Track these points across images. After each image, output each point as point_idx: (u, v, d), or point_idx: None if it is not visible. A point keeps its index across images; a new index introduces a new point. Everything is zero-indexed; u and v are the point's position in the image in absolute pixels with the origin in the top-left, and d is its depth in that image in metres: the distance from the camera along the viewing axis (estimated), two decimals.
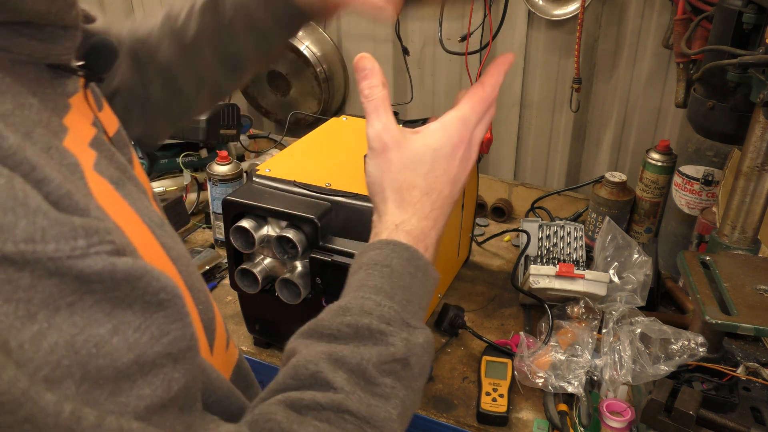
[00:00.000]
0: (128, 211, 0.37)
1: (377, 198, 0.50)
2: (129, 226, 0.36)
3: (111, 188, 0.37)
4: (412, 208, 0.48)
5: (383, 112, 0.50)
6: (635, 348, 0.87)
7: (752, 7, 0.87)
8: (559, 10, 1.40)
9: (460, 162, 0.51)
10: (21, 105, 0.33)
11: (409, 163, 0.49)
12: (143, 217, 0.38)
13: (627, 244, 1.07)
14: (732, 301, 0.79)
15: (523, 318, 1.11)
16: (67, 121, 0.37)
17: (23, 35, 0.34)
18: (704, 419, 0.78)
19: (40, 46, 0.36)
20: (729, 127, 0.95)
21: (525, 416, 0.91)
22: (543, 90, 1.52)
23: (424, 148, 0.50)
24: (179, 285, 0.38)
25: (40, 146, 0.32)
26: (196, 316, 0.41)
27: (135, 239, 0.35)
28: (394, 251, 0.46)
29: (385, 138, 0.50)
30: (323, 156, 1.04)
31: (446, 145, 0.50)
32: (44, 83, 0.37)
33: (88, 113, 0.41)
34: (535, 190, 1.50)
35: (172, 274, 0.39)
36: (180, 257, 0.41)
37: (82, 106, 0.41)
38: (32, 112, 0.33)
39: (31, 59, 0.36)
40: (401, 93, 1.70)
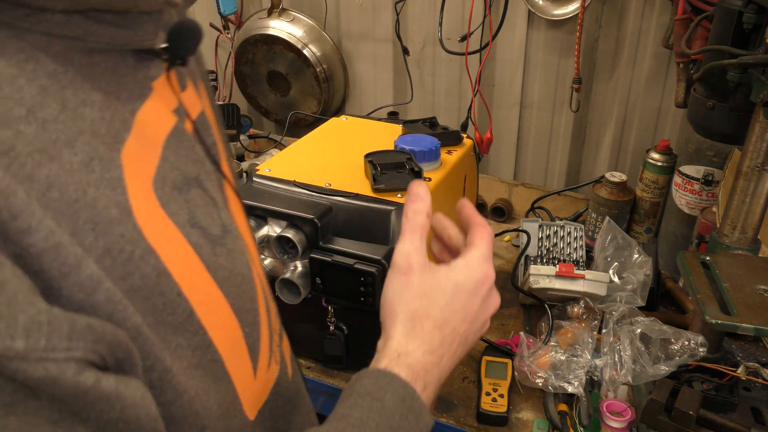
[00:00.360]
0: (171, 230, 0.34)
1: (388, 319, 0.47)
2: (168, 248, 0.33)
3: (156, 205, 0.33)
4: (420, 339, 0.46)
5: (419, 238, 0.49)
6: (635, 348, 0.87)
7: (752, 7, 0.87)
8: (559, 10, 1.40)
9: (482, 300, 0.49)
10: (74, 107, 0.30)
11: (428, 291, 0.47)
12: (190, 236, 0.35)
13: (627, 244, 1.07)
14: (732, 301, 0.79)
15: (523, 318, 1.11)
16: (144, 111, 0.35)
17: (102, 22, 0.32)
18: (704, 419, 0.78)
19: (120, 32, 0.33)
20: (729, 127, 0.95)
21: (525, 416, 0.91)
22: (543, 90, 1.52)
23: (446, 280, 0.48)
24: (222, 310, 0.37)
25: (80, 157, 0.29)
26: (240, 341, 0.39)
27: (171, 263, 0.33)
28: (389, 385, 0.43)
29: (412, 260, 0.48)
30: (323, 156, 1.04)
31: (470, 281, 0.48)
32: (124, 70, 0.34)
33: (171, 98, 0.39)
34: (535, 190, 1.50)
35: (215, 297, 0.37)
36: (231, 277, 0.38)
37: (165, 90, 0.38)
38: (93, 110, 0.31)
39: (112, 46, 0.33)
40: (401, 93, 1.70)
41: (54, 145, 0.28)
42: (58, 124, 0.29)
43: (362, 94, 1.77)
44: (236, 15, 1.75)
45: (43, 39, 0.29)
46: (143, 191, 0.33)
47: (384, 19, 1.62)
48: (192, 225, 0.36)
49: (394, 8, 1.54)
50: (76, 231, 0.28)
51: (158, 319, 0.32)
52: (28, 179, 0.26)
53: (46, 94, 0.29)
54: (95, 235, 0.29)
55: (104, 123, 0.31)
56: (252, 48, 1.70)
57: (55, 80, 0.29)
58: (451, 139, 1.08)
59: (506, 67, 1.53)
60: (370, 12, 1.63)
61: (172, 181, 0.35)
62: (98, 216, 0.29)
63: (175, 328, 0.33)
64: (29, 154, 0.27)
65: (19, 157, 0.26)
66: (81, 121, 0.30)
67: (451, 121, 1.64)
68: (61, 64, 0.30)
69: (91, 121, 0.30)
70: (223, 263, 0.38)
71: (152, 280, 0.31)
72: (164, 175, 0.35)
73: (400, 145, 1.00)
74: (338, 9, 1.67)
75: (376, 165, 0.94)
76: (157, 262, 0.32)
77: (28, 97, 0.28)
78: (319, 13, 1.67)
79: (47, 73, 0.29)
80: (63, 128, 0.29)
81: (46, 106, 0.28)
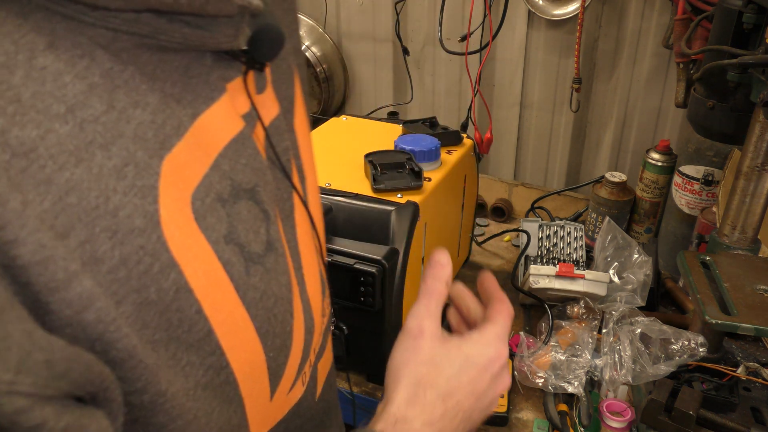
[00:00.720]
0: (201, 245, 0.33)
1: (391, 383, 0.45)
2: (194, 264, 0.32)
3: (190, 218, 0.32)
4: (421, 407, 0.43)
5: (434, 304, 0.47)
6: (635, 348, 0.87)
7: (752, 7, 0.87)
8: (559, 10, 1.40)
9: (492, 378, 0.47)
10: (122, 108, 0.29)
11: (437, 359, 0.45)
12: (222, 253, 0.34)
13: (627, 244, 1.07)
14: (732, 301, 0.79)
15: (523, 318, 1.11)
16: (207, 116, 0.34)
17: (175, 21, 0.31)
18: (704, 419, 0.78)
19: (194, 32, 0.32)
20: (729, 127, 0.95)
21: (525, 416, 0.91)
22: (543, 90, 1.52)
23: (457, 351, 0.46)
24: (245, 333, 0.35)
25: (113, 162, 0.28)
26: (261, 365, 0.38)
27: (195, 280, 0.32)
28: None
29: (424, 324, 0.46)
30: (323, 156, 1.04)
31: (482, 356, 0.46)
32: (197, 70, 0.33)
33: (243, 101, 0.38)
34: (535, 190, 1.50)
35: (240, 319, 0.35)
36: (262, 299, 0.37)
37: (238, 92, 0.37)
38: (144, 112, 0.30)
39: (185, 46, 0.32)
40: (401, 93, 1.70)
41: (87, 148, 0.27)
42: (97, 125, 0.28)
43: (362, 94, 1.77)
44: None
45: (108, 34, 0.28)
46: (178, 202, 0.31)
47: (384, 19, 1.62)
48: (228, 241, 0.34)
49: (394, 8, 1.54)
50: (91, 238, 0.27)
51: (171, 335, 0.31)
52: (45, 183, 0.25)
53: (93, 93, 0.28)
54: (112, 244, 0.28)
55: (153, 127, 0.30)
56: None
57: (108, 79, 0.29)
58: (451, 139, 1.08)
59: (506, 67, 1.53)
60: (370, 12, 1.63)
61: (218, 192, 0.34)
62: (118, 225, 0.28)
63: (188, 345, 0.32)
64: (52, 156, 0.26)
65: (39, 159, 0.25)
66: (125, 124, 0.29)
67: (451, 121, 1.64)
68: (120, 62, 0.29)
69: (137, 124, 0.29)
70: (256, 283, 0.36)
71: (170, 295, 0.30)
72: (210, 185, 0.33)
73: (400, 145, 1.00)
74: (338, 9, 1.67)
75: (376, 165, 0.94)
76: (179, 277, 0.31)
77: (71, 95, 0.27)
78: (319, 13, 1.67)
79: (101, 71, 0.28)
80: (102, 130, 0.28)
81: (89, 105, 0.27)
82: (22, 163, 0.25)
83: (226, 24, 0.34)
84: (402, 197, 0.91)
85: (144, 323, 0.29)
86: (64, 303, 0.26)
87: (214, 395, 0.34)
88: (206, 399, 0.34)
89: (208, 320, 0.33)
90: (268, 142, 0.40)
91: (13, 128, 0.25)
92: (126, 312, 0.28)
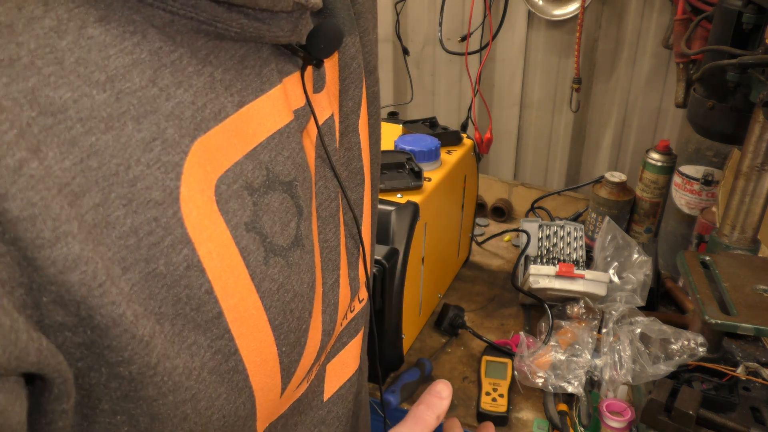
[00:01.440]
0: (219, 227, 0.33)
1: None
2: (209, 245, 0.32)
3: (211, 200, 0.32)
4: None
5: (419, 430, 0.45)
6: (635, 348, 0.87)
7: (752, 7, 0.87)
8: (559, 10, 1.40)
9: None
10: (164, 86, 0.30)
11: None
12: (240, 239, 0.34)
13: (627, 244, 1.07)
14: (732, 301, 0.79)
15: (523, 318, 1.11)
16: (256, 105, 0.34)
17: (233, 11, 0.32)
18: (704, 419, 0.78)
19: (252, 24, 0.33)
20: (729, 127, 0.95)
21: (525, 416, 0.91)
22: (543, 90, 1.52)
23: None
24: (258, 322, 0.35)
25: (142, 134, 0.29)
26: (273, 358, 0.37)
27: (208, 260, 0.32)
28: None
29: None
30: None
31: None
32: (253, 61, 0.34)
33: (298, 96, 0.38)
34: (535, 190, 1.50)
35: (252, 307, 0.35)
36: (279, 292, 0.36)
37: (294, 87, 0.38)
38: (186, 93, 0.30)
39: (243, 36, 0.33)
40: (401, 93, 1.70)
41: (119, 117, 0.28)
42: (133, 98, 0.29)
43: None
44: None
45: (165, 16, 0.30)
46: (201, 183, 0.32)
47: (384, 19, 1.62)
48: (249, 229, 0.34)
49: (394, 8, 1.54)
50: (104, 203, 0.28)
51: (178, 311, 0.31)
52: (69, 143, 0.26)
53: (136, 68, 0.29)
54: (125, 211, 0.28)
55: (192, 108, 0.31)
56: None
57: (155, 56, 0.30)
58: (451, 139, 1.08)
59: (506, 67, 1.53)
60: None
61: (249, 180, 0.34)
62: (134, 194, 0.29)
63: (196, 324, 0.32)
64: (81, 120, 0.27)
65: (67, 120, 0.26)
66: (163, 101, 0.30)
67: (451, 121, 1.64)
68: (172, 43, 0.30)
69: (177, 103, 0.30)
70: (274, 275, 0.36)
71: (180, 270, 0.31)
72: (240, 172, 0.34)
73: (400, 145, 1.00)
74: None
75: None
76: (191, 254, 0.31)
77: (113, 66, 0.28)
78: None
79: (151, 49, 0.29)
80: (137, 103, 0.29)
81: (129, 78, 0.28)
82: (48, 122, 0.26)
83: (285, 19, 0.35)
84: (402, 197, 0.91)
85: (150, 294, 0.30)
86: (48, 261, 0.26)
87: (221, 381, 0.34)
88: (212, 383, 0.34)
89: (218, 302, 0.33)
90: (320, 141, 0.41)
91: (45, 88, 0.26)
92: (132, 279, 0.29)
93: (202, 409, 0.33)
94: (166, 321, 0.31)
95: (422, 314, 1.06)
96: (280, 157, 0.37)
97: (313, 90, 0.40)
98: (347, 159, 0.46)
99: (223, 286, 0.33)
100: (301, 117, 0.39)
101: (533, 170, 1.64)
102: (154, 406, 0.31)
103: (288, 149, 0.37)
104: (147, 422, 0.31)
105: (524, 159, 1.63)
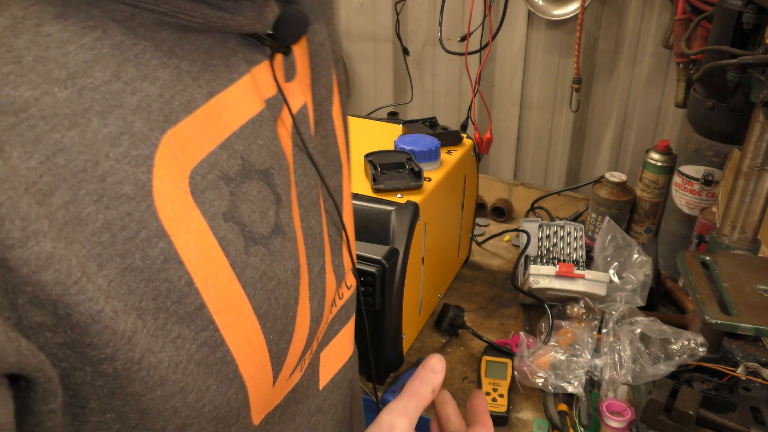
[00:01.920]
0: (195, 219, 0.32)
1: None
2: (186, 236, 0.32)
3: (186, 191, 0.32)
4: None
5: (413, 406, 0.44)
6: (635, 348, 0.87)
7: (752, 7, 0.87)
8: (559, 10, 1.40)
9: None
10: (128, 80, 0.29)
11: None
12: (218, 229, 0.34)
13: (627, 244, 1.07)
14: (732, 301, 0.79)
15: (523, 318, 1.11)
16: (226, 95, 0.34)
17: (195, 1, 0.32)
18: (704, 419, 0.78)
19: (216, 13, 0.32)
20: (729, 127, 0.95)
21: (525, 416, 0.91)
22: (543, 90, 1.52)
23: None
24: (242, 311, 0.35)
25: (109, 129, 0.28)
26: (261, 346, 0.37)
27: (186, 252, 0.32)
28: None
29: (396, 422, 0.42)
30: None
31: None
32: (219, 52, 0.34)
33: (269, 85, 0.38)
34: (535, 190, 1.50)
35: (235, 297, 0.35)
36: (261, 280, 0.36)
37: (264, 76, 0.37)
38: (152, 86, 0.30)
39: (207, 26, 0.33)
40: (401, 93, 1.70)
41: (84, 113, 0.28)
42: (96, 93, 0.28)
43: (362, 94, 1.77)
44: None
45: (126, 9, 0.29)
46: (175, 175, 0.32)
47: (384, 19, 1.62)
48: (227, 218, 0.34)
49: (394, 8, 1.54)
50: (75, 200, 0.27)
51: (159, 305, 0.31)
52: (33, 142, 0.26)
53: (98, 63, 0.29)
54: (96, 207, 0.28)
55: (159, 100, 0.31)
56: None
57: (117, 51, 0.29)
58: (451, 139, 1.08)
59: (506, 67, 1.53)
60: (370, 12, 1.63)
61: (224, 170, 0.34)
62: (105, 189, 0.28)
63: (179, 317, 0.32)
64: (44, 118, 0.26)
65: (30, 118, 0.26)
66: (129, 95, 0.30)
67: (451, 121, 1.64)
68: (134, 36, 0.30)
69: (143, 96, 0.30)
70: (255, 264, 0.36)
71: (157, 264, 0.30)
72: (215, 162, 0.34)
73: (400, 145, 1.00)
74: (338, 9, 1.67)
75: (376, 165, 0.94)
76: (168, 247, 0.31)
77: (73, 63, 0.28)
78: None
79: (112, 44, 0.29)
80: (101, 98, 0.28)
81: (91, 74, 0.28)
82: (10, 121, 0.25)
83: (249, 7, 0.34)
84: (402, 197, 0.91)
85: (129, 289, 0.29)
86: (21, 261, 0.26)
87: (209, 373, 0.34)
88: (200, 375, 0.33)
89: (199, 294, 0.32)
90: (296, 129, 0.40)
91: (5, 87, 0.25)
92: (109, 276, 0.29)
93: (192, 402, 0.33)
94: (148, 315, 0.30)
95: (422, 314, 1.06)
96: (255, 145, 0.36)
97: (284, 79, 0.40)
98: (324, 146, 0.46)
99: (203, 277, 0.32)
100: (273, 106, 0.38)
101: (533, 170, 1.64)
102: (143, 402, 0.31)
103: (262, 138, 0.37)
104: (137, 418, 0.31)
105: (524, 159, 1.63)
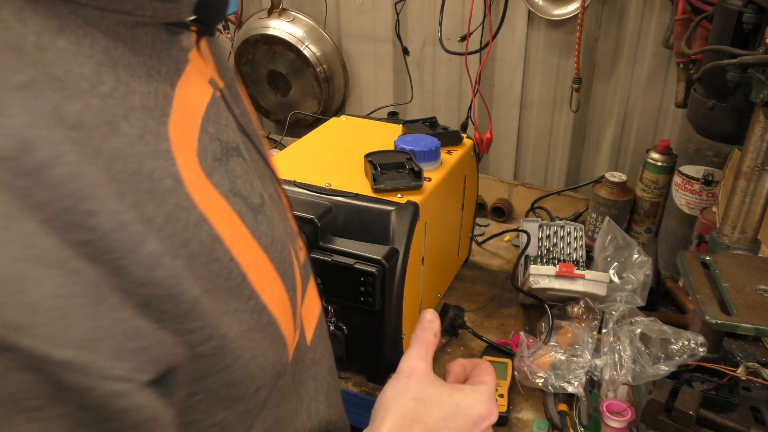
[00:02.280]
0: (217, 199, 0.35)
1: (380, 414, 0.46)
2: (218, 216, 0.34)
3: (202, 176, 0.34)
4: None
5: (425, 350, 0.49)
6: (635, 348, 0.87)
7: (752, 7, 0.87)
8: (559, 10, 1.40)
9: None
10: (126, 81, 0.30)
11: (426, 399, 0.46)
12: (234, 205, 0.36)
13: (627, 244, 1.07)
14: (732, 301, 0.79)
15: (523, 318, 1.11)
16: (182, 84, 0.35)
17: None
18: (704, 419, 0.78)
19: (163, 6, 0.33)
20: (729, 127, 0.95)
21: (525, 416, 0.91)
22: (543, 90, 1.52)
23: (449, 397, 0.47)
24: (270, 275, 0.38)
25: (135, 131, 0.29)
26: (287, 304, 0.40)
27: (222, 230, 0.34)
28: None
29: (415, 365, 0.48)
30: (323, 156, 1.04)
31: (473, 409, 0.47)
32: (161, 45, 0.35)
33: (205, 69, 0.39)
34: (535, 190, 1.50)
35: (262, 263, 0.37)
36: (273, 243, 0.39)
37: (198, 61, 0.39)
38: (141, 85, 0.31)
39: (153, 20, 0.33)
40: (401, 93, 1.70)
41: (113, 119, 0.28)
42: (113, 99, 0.29)
43: (362, 94, 1.77)
44: (236, 15, 1.75)
45: (96, 13, 0.30)
46: (189, 163, 0.33)
47: (384, 19, 1.62)
48: (234, 194, 0.36)
49: (394, 8, 1.54)
50: (139, 202, 0.28)
51: (217, 284, 0.32)
52: (96, 152, 0.27)
53: (102, 70, 0.29)
54: (155, 204, 0.29)
55: (151, 97, 0.32)
56: (252, 48, 1.70)
57: (108, 56, 0.30)
58: (451, 139, 1.08)
59: (506, 67, 1.53)
60: (370, 12, 1.63)
61: (212, 152, 0.36)
62: (156, 186, 0.29)
63: (231, 292, 0.33)
64: (96, 127, 0.27)
65: (87, 130, 0.27)
66: (133, 96, 0.30)
67: (451, 121, 1.64)
68: (112, 39, 0.30)
69: (140, 95, 0.31)
70: (266, 230, 0.38)
71: (208, 246, 0.32)
72: (205, 146, 0.35)
73: (400, 145, 1.00)
74: (338, 9, 1.67)
75: (376, 165, 0.94)
76: (210, 229, 0.32)
77: (88, 73, 0.28)
78: (319, 13, 1.67)
79: (102, 49, 0.30)
80: (118, 103, 0.29)
81: (102, 81, 0.29)
82: (78, 135, 0.26)
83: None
84: (402, 197, 0.91)
85: (196, 275, 0.31)
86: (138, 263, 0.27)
87: (264, 336, 0.36)
88: (260, 340, 0.36)
89: (240, 266, 0.34)
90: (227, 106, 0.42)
91: (64, 102, 0.26)
92: (181, 266, 0.30)
93: (262, 365, 0.36)
94: (213, 296, 0.32)
95: None
96: (221, 126, 0.38)
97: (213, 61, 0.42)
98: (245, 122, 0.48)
99: (239, 251, 0.34)
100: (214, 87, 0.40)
101: (533, 170, 1.64)
102: (231, 372, 0.33)
103: (222, 118, 0.38)
104: (224, 391, 0.33)
105: (524, 159, 1.63)
